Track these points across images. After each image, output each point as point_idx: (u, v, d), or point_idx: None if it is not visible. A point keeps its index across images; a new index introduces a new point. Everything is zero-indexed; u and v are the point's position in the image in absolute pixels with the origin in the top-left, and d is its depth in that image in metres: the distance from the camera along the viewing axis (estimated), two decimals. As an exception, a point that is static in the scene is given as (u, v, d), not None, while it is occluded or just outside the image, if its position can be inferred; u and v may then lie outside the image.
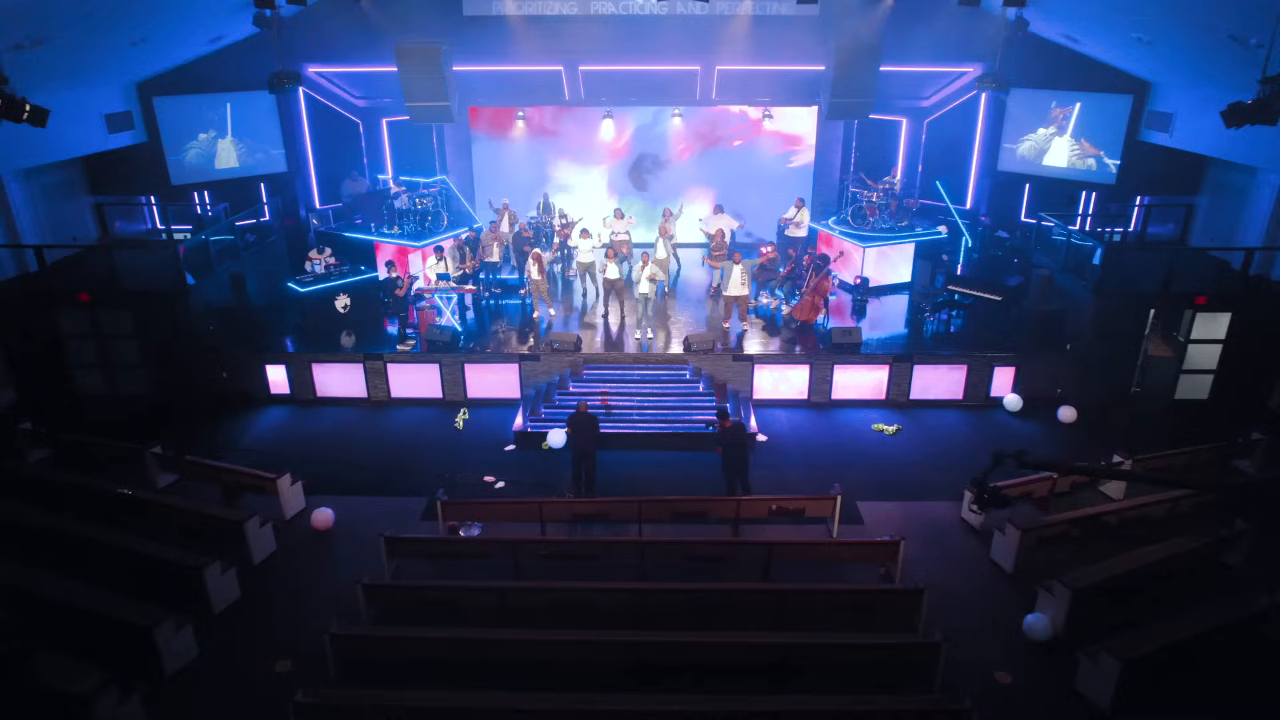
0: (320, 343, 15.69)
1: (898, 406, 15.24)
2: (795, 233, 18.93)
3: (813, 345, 15.52)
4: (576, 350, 15.01)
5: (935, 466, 13.34)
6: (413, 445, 14.06)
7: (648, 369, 14.97)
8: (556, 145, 21.13)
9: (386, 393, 15.42)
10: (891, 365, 15.07)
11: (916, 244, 18.63)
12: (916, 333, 16.32)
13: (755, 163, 21.15)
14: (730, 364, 15.04)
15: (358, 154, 20.72)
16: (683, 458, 13.53)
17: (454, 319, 16.25)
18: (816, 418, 14.98)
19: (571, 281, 18.83)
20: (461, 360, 15.13)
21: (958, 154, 19.95)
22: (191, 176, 18.48)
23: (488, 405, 15.30)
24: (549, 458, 13.57)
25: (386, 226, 18.94)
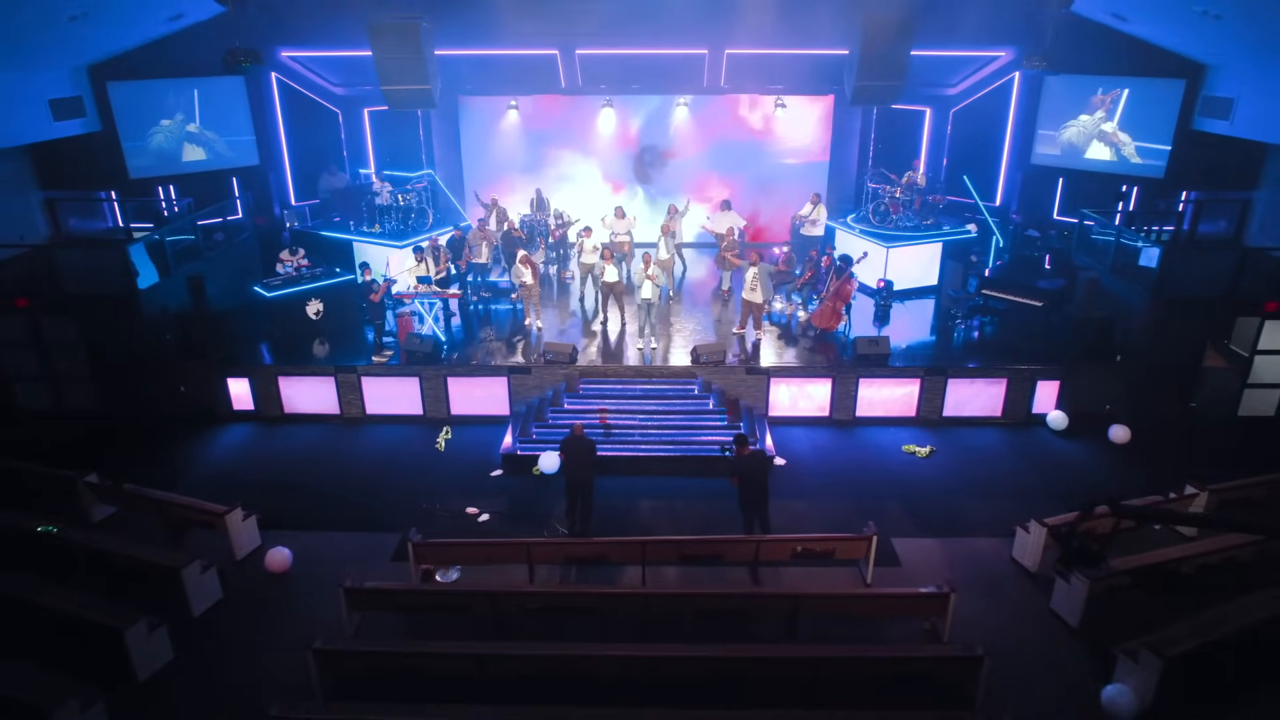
0: (289, 353, 14.17)
1: (929, 425, 13.71)
2: (811, 231, 17.40)
3: (834, 356, 14.00)
4: (572, 362, 13.49)
5: (976, 494, 11.83)
6: (388, 469, 12.53)
7: (651, 383, 13.44)
8: (553, 138, 19.60)
9: (361, 409, 13.90)
10: (923, 379, 13.54)
11: (944, 244, 17.11)
12: (945, 342, 14.79)
13: (766, 156, 19.63)
14: (744, 377, 13.51)
15: (337, 146, 19.18)
16: (692, 485, 12.02)
17: (436, 327, 14.72)
18: (840, 438, 13.45)
19: (569, 285, 17.29)
20: (444, 373, 13.60)
21: (986, 146, 18.40)
22: (154, 170, 16.93)
23: (473, 423, 13.77)
24: (540, 484, 12.05)
25: (366, 224, 17.44)
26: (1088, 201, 16.50)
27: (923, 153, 19.22)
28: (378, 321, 13.68)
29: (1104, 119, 16.71)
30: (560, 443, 10.77)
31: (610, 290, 14.74)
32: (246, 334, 14.64)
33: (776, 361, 13.71)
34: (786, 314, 15.62)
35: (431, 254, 15.10)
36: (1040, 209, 18.36)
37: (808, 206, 17.45)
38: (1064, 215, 18.06)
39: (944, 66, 17.87)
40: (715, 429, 12.82)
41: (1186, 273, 12.86)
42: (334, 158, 18.97)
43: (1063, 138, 17.36)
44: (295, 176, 18.61)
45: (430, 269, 14.78)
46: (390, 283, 13.84)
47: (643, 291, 13.86)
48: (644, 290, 13.82)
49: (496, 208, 17.45)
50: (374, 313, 13.62)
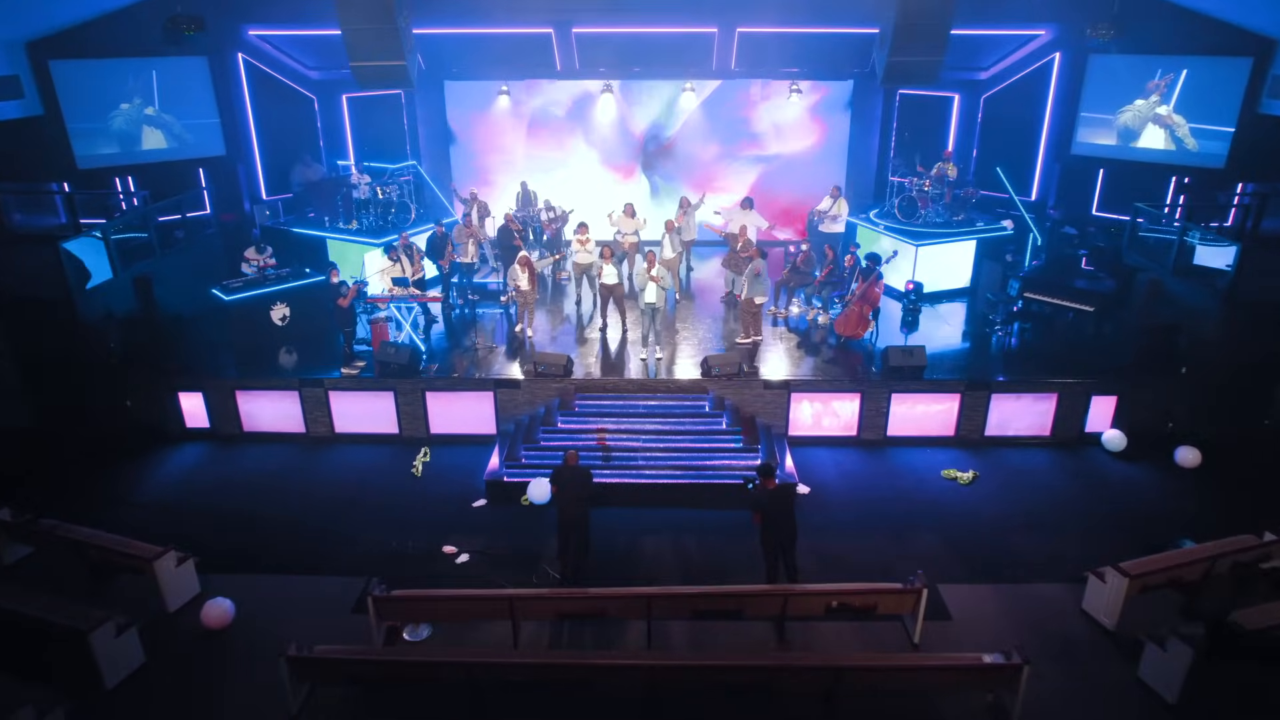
0: (251, 364, 12.63)
1: (970, 446, 12.15)
2: (831, 228, 15.84)
3: (860, 368, 12.45)
4: (566, 375, 11.92)
5: (1030, 529, 10.27)
6: (356, 498, 10.98)
7: (656, 399, 11.87)
8: (547, 126, 18.04)
9: (329, 427, 12.34)
10: (963, 394, 11.98)
11: (977, 242, 15.55)
12: (981, 351, 13.24)
13: (779, 146, 18.06)
14: (761, 392, 11.94)
15: (313, 135, 17.62)
16: (704, 518, 10.47)
17: (415, 334, 13.16)
18: (869, 461, 11.88)
19: (565, 287, 15.73)
20: (422, 387, 12.05)
21: (1021, 136, 16.82)
22: (108, 159, 15.38)
23: (455, 443, 12.21)
24: (530, 516, 10.49)
25: (343, 220, 15.89)
26: (1131, 195, 14.97)
27: (950, 143, 17.64)
28: (348, 329, 12.13)
29: (1158, 102, 15.12)
30: (551, 472, 9.21)
31: (610, 293, 13.19)
32: (203, 342, 13.09)
33: (793, 373, 12.14)
34: (808, 318, 14.05)
35: (405, 252, 13.54)
36: (1077, 204, 16.81)
37: (827, 201, 15.88)
38: (1104, 211, 16.51)
39: (976, 47, 16.31)
40: (730, 452, 11.26)
41: (1267, 273, 11.29)
42: (309, 148, 17.40)
43: (1118, 122, 15.72)
44: (266, 168, 17.04)
45: (405, 269, 13.22)
46: (361, 285, 12.26)
47: (646, 295, 12.29)
48: (647, 293, 12.26)
49: (476, 203, 15.88)
50: (343, 319, 12.06)
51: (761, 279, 12.78)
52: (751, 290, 12.87)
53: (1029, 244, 16.13)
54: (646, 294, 12.30)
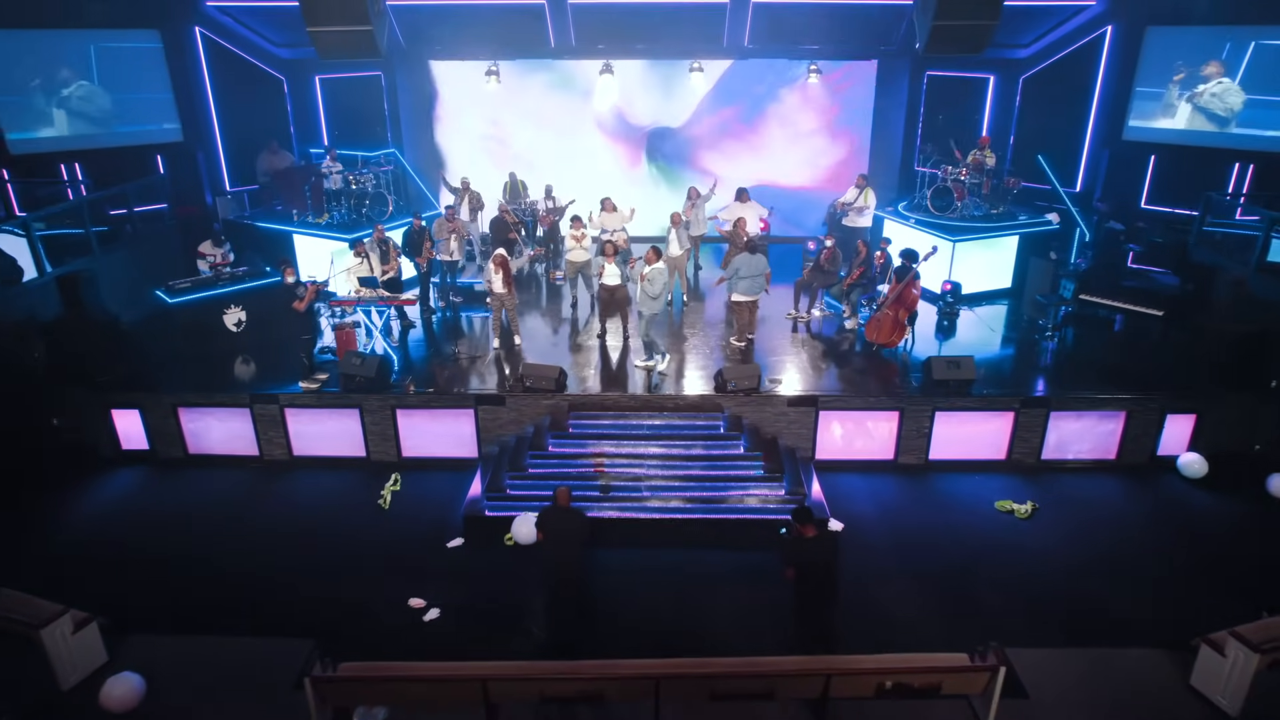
0: (201, 376, 11.02)
1: (1024, 471, 10.53)
2: (857, 221, 14.21)
3: (895, 380, 10.84)
4: (558, 390, 10.30)
5: (1108, 576, 8.67)
6: (312, 535, 9.36)
7: (663, 418, 10.24)
8: (541, 111, 16.42)
9: (286, 449, 10.72)
10: (1017, 412, 10.35)
11: (1020, 237, 13.92)
12: (1030, 361, 11.62)
13: (795, 133, 16.44)
14: (784, 410, 10.32)
15: (282, 120, 16.03)
16: (721, 561, 8.85)
17: (387, 342, 11.52)
18: (910, 489, 10.26)
19: (561, 288, 14.11)
20: (391, 404, 10.42)
21: (1064, 120, 15.18)
22: (48, 144, 13.75)
23: (430, 468, 10.60)
24: (514, 559, 8.88)
25: (313, 214, 14.27)
26: (1185, 185, 13.41)
27: (984, 128, 16.01)
28: (306, 336, 10.49)
29: (1223, 80, 13.47)
30: (538, 516, 7.59)
31: (610, 296, 11.57)
32: (145, 351, 11.46)
33: (820, 387, 10.51)
34: (845, 321, 12.42)
35: (376, 249, 11.92)
36: (1124, 196, 15.16)
37: (852, 191, 14.25)
38: (1153, 204, 14.87)
39: (1016, 22, 14.65)
40: (749, 480, 9.64)
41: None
42: (278, 134, 15.78)
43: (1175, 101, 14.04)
44: (230, 157, 15.43)
45: (374, 268, 11.59)
46: (321, 286, 10.59)
47: (640, 302, 10.67)
48: (641, 301, 10.63)
49: (469, 192, 14.26)
50: (301, 325, 10.42)
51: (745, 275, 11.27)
52: (731, 286, 11.41)
53: (1075, 240, 14.50)
54: (640, 301, 10.71)
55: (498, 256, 11.40)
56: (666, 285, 10.85)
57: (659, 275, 10.73)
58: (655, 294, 10.63)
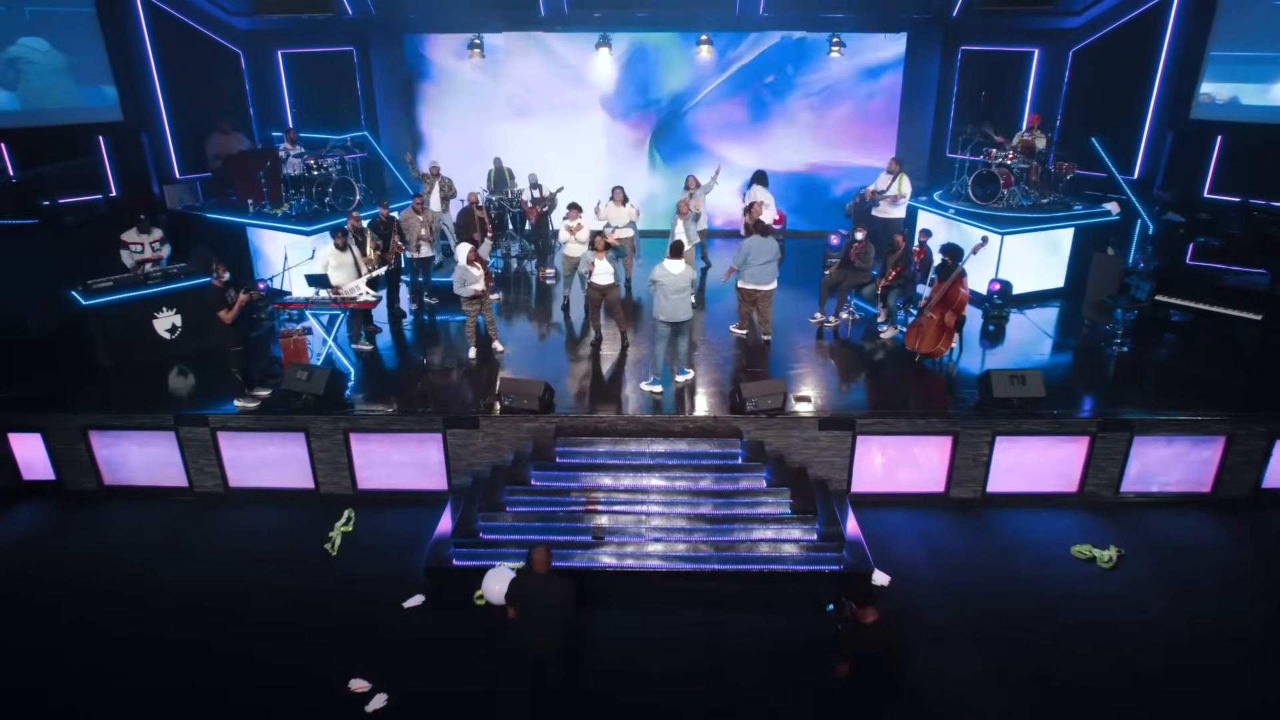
0: (122, 393, 9.34)
1: (1100, 506, 8.82)
2: (889, 212, 12.48)
3: (944, 397, 9.14)
4: (543, 410, 8.58)
5: (1224, 641, 6.94)
6: (241, 591, 7.66)
7: (668, 443, 8.50)
8: (529, 90, 14.71)
9: (221, 479, 9.01)
10: (1094, 436, 8.62)
11: (1075, 230, 12.20)
12: (1096, 373, 9.91)
13: (815, 115, 14.74)
14: (814, 434, 8.60)
15: (240, 100, 14.30)
16: (741, 625, 7.14)
17: (340, 352, 9.79)
18: (965, 529, 8.54)
19: (552, 288, 12.40)
20: (343, 426, 8.70)
21: (1121, 97, 13.43)
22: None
23: (391, 503, 8.90)
24: (487, 622, 7.15)
25: (268, 204, 12.56)
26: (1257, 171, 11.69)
27: (1027, 108, 14.28)
28: (236, 349, 8.73)
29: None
30: (509, 586, 5.89)
31: (602, 297, 9.89)
32: (57, 363, 9.76)
33: (853, 406, 8.78)
34: (884, 329, 10.71)
35: (355, 238, 10.23)
36: (1184, 184, 13.41)
37: (884, 178, 12.50)
38: (1219, 193, 13.11)
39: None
40: (774, 522, 7.91)
41: None
42: (236, 114, 14.04)
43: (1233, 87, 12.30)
44: (180, 139, 13.69)
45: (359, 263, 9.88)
46: (252, 293, 8.77)
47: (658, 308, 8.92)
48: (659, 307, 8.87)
49: (438, 179, 12.52)
50: (228, 336, 8.66)
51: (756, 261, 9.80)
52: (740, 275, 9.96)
53: (1135, 233, 12.75)
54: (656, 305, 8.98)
55: (473, 255, 9.68)
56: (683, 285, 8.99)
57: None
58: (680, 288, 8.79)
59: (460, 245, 9.81)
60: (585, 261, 9.87)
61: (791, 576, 7.58)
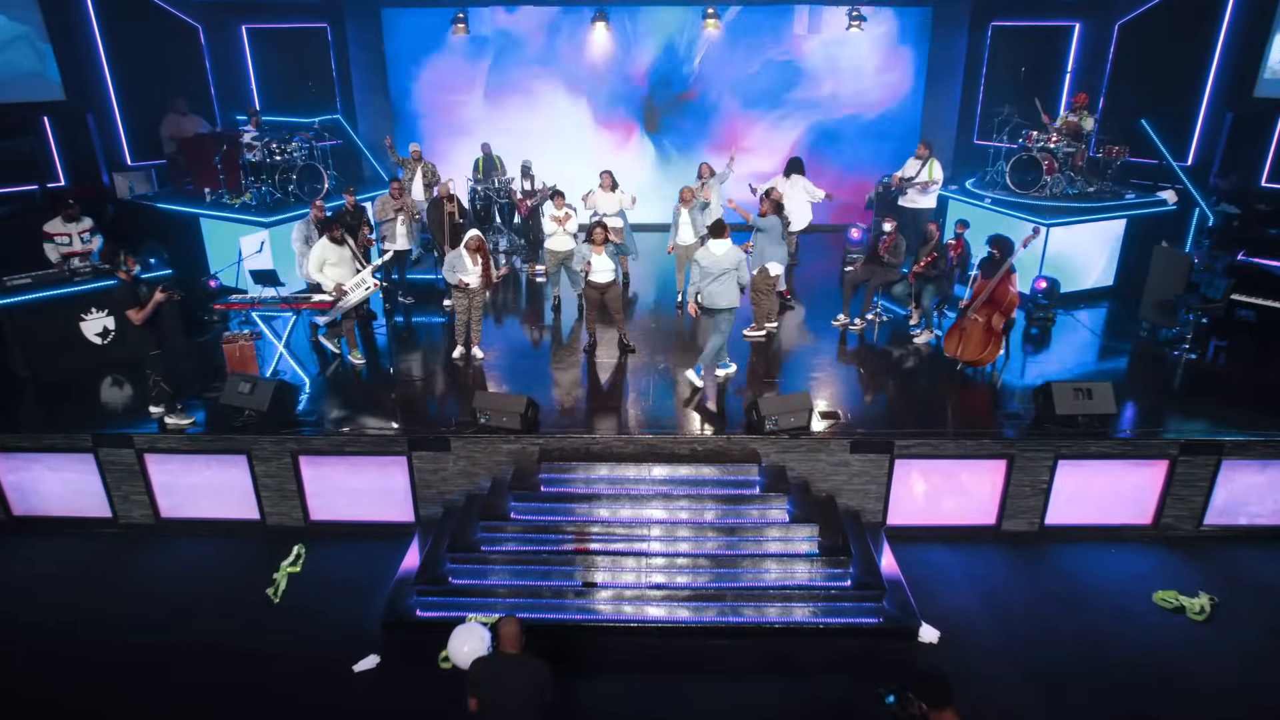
0: (36, 408, 8.07)
1: (1181, 542, 7.53)
2: (918, 201, 11.22)
3: (990, 412, 7.86)
4: (527, 429, 7.29)
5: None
6: (159, 650, 6.36)
7: (671, 468, 7.21)
8: (519, 69, 13.45)
9: (151, 509, 7.72)
10: (1174, 460, 7.32)
11: (1128, 221, 10.92)
12: (1161, 384, 8.62)
13: (832, 96, 13.49)
14: (843, 457, 7.31)
15: (200, 79, 13.03)
16: (761, 698, 5.84)
17: (294, 361, 8.50)
18: (1023, 569, 7.25)
19: (543, 287, 11.12)
20: (291, 448, 7.41)
21: (1173, 74, 12.14)
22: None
23: (349, 537, 7.61)
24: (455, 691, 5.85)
25: (225, 192, 11.29)
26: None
27: (1065, 88, 13.00)
28: (154, 353, 7.40)
29: None
30: (470, 670, 4.60)
31: (601, 296, 8.62)
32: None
33: (888, 423, 7.49)
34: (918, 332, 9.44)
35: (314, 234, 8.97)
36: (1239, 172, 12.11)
37: (912, 164, 11.22)
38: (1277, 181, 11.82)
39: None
40: (799, 563, 6.62)
41: None
42: (194, 95, 12.76)
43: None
44: (132, 122, 12.41)
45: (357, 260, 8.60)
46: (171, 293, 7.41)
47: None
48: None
49: (421, 164, 11.24)
50: (142, 341, 7.34)
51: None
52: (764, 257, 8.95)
53: (1192, 224, 11.46)
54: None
55: (474, 240, 8.44)
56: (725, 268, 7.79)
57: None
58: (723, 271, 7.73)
59: (471, 231, 8.57)
60: (581, 257, 8.57)
61: (821, 633, 6.30)
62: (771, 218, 9.03)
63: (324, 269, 8.38)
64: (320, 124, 12.22)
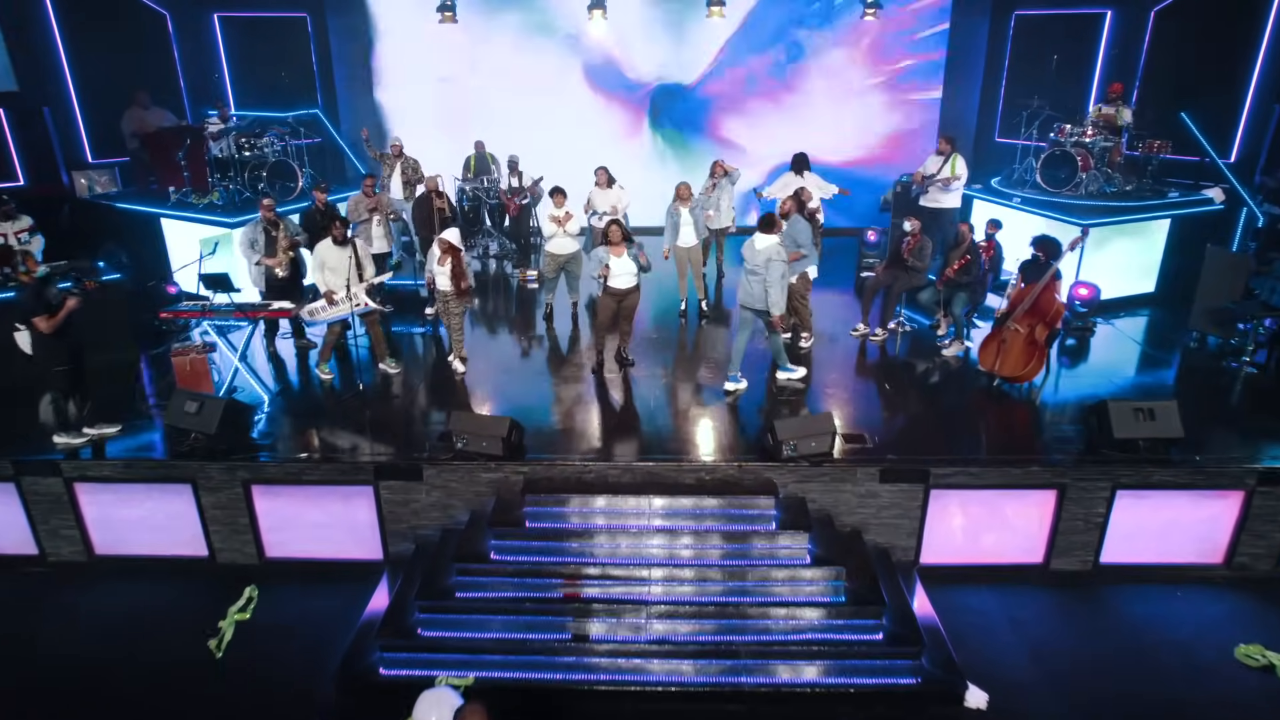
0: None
1: (1259, 585, 6.60)
2: (940, 200, 10.32)
3: (1032, 434, 6.96)
4: (509, 456, 6.38)
5: None
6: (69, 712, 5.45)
7: (676, 505, 6.29)
8: (511, 62, 12.59)
9: (82, 546, 6.81)
10: (1250, 492, 6.41)
11: (1172, 221, 10.03)
12: (1215, 399, 7.72)
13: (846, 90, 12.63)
14: (872, 487, 6.40)
15: (168, 71, 12.17)
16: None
17: (252, 376, 7.59)
18: (1078, 615, 6.33)
19: (534, 294, 10.24)
20: (242, 477, 6.50)
21: (1213, 65, 11.23)
22: None
23: (308, 578, 6.70)
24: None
25: (192, 191, 10.42)
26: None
27: (1096, 79, 12.12)
28: (59, 368, 6.48)
29: None
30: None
31: (618, 306, 7.69)
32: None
33: (906, 447, 6.58)
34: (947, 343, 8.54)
35: (261, 235, 8.05)
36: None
37: (934, 160, 10.35)
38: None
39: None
40: (825, 613, 5.70)
41: None
42: (163, 88, 11.88)
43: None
44: (93, 116, 11.55)
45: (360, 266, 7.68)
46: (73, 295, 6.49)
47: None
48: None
49: (401, 160, 10.33)
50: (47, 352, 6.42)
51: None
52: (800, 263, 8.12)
53: (1239, 225, 10.56)
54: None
55: (444, 242, 7.57)
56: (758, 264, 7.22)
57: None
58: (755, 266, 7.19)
59: (450, 230, 7.69)
60: (597, 260, 7.54)
61: (850, 697, 5.38)
62: (799, 219, 8.14)
63: (324, 272, 7.52)
64: (295, 119, 11.35)
